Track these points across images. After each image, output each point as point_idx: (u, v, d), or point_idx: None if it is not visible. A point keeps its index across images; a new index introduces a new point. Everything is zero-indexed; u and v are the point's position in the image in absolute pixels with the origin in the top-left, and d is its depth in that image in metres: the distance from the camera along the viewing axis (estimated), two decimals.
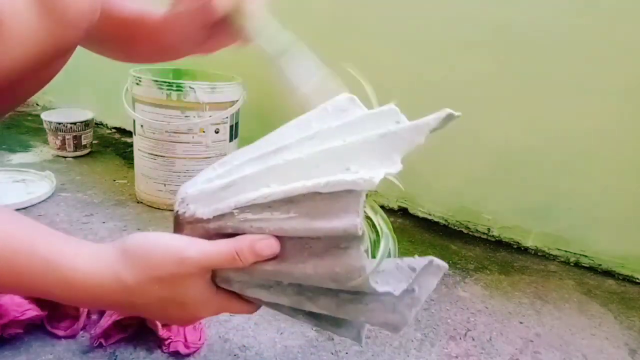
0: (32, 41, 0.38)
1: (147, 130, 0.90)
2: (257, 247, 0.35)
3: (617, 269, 0.85)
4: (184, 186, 0.41)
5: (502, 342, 0.63)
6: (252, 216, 0.36)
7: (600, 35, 0.78)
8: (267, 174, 0.36)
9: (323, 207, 0.34)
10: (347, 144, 0.36)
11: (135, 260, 0.34)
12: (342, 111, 0.40)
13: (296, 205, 0.35)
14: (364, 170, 0.35)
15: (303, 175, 0.35)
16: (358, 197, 0.34)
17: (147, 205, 0.94)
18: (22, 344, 0.53)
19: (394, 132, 0.36)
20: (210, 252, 0.35)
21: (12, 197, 0.88)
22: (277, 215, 0.35)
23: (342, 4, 0.99)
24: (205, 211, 0.37)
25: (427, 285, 0.41)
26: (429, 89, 0.93)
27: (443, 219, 0.99)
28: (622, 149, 0.80)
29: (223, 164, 0.41)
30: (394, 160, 0.35)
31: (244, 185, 0.37)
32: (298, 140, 0.38)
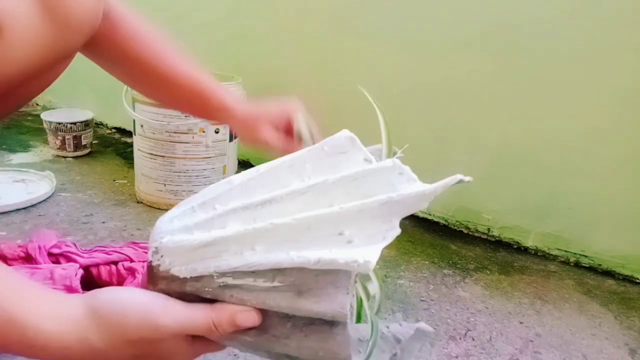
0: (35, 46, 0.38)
1: (147, 130, 0.90)
2: (237, 320, 0.33)
3: (617, 269, 0.85)
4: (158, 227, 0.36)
5: (502, 342, 0.63)
6: (232, 281, 0.33)
7: (600, 35, 0.78)
8: (252, 235, 0.33)
9: (310, 280, 0.32)
10: (343, 210, 0.32)
11: (106, 323, 0.32)
12: (340, 153, 0.36)
13: (282, 274, 0.32)
14: (359, 238, 0.31)
15: (292, 239, 0.32)
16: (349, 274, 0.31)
17: (147, 205, 0.94)
18: None
19: (396, 201, 0.32)
20: (186, 321, 0.33)
21: (12, 197, 0.88)
22: (261, 282, 0.32)
23: (342, 4, 0.99)
24: (181, 269, 0.34)
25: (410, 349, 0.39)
26: (429, 89, 0.93)
27: (443, 219, 0.99)
28: (622, 149, 0.80)
29: (204, 205, 0.36)
30: (392, 225, 0.32)
31: (227, 246, 0.33)
32: (289, 193, 0.34)
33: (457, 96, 0.91)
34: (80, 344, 0.31)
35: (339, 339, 0.33)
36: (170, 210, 0.37)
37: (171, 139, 0.88)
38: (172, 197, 0.92)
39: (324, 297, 0.31)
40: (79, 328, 0.31)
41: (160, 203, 0.93)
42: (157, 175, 0.91)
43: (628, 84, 0.77)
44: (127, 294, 0.34)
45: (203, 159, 0.91)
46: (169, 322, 0.32)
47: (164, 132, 0.88)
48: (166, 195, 0.92)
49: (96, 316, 0.32)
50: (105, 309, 0.32)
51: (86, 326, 0.32)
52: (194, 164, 0.91)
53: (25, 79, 0.40)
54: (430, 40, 0.91)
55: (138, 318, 0.32)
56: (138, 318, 0.32)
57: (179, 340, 0.34)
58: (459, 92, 0.91)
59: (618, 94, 0.78)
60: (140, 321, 0.32)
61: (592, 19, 0.78)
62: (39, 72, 0.41)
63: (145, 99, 0.87)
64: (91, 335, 0.32)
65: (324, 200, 0.33)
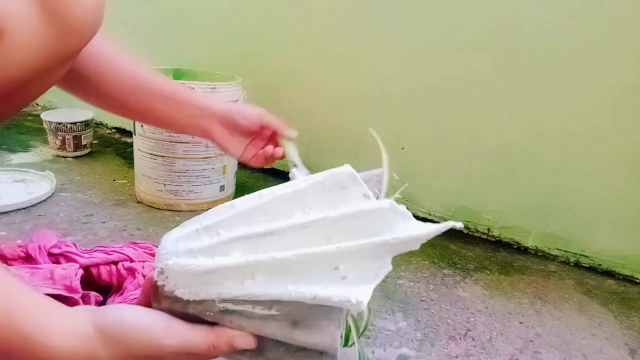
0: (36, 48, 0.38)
1: (147, 130, 0.90)
2: (234, 343, 0.36)
3: (617, 269, 0.85)
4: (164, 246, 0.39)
5: (502, 342, 0.63)
6: (232, 307, 0.36)
7: (600, 36, 0.78)
8: (253, 266, 0.35)
9: (305, 311, 0.34)
10: (340, 249, 0.34)
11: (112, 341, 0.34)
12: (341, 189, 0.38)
13: (279, 304, 0.35)
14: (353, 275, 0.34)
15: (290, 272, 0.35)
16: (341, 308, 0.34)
17: (147, 205, 0.94)
18: None
19: (390, 243, 0.35)
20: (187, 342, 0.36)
21: (12, 197, 0.88)
22: (259, 310, 0.35)
23: (342, 4, 0.99)
24: (185, 292, 0.36)
25: None
26: (429, 89, 0.93)
27: (443, 219, 0.99)
28: (622, 149, 0.80)
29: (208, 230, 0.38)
30: (385, 262, 0.35)
31: (229, 274, 0.35)
32: (290, 227, 0.36)
33: (457, 96, 0.91)
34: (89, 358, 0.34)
35: None
36: (176, 230, 0.39)
37: (171, 139, 0.88)
38: (172, 197, 0.92)
39: (316, 329, 0.34)
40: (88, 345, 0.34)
41: (160, 203, 0.93)
42: (157, 175, 0.91)
43: (628, 84, 0.77)
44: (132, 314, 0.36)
45: (203, 159, 0.91)
46: (171, 343, 0.35)
47: (164, 132, 0.88)
48: (166, 195, 0.92)
49: (103, 334, 0.34)
50: (112, 328, 0.34)
51: (94, 343, 0.34)
52: (194, 164, 0.91)
53: (25, 82, 0.40)
54: (430, 41, 0.91)
55: (142, 338, 0.35)
56: (142, 338, 0.35)
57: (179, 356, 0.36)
58: (459, 92, 0.91)
59: (618, 94, 0.79)
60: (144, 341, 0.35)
61: (592, 19, 0.78)
62: (39, 74, 0.41)
63: None
64: (99, 351, 0.34)
65: (322, 236, 0.36)
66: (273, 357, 0.37)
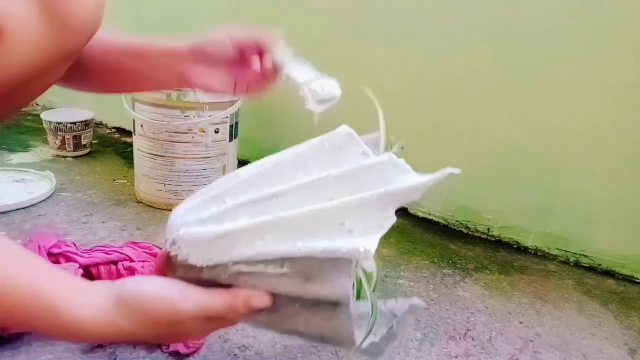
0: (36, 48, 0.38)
1: (147, 130, 0.90)
2: (251, 303, 0.36)
3: (617, 269, 0.85)
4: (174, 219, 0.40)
5: (502, 342, 0.63)
6: (246, 268, 0.36)
7: (600, 35, 0.78)
8: (262, 227, 0.36)
9: (316, 266, 0.35)
10: (344, 204, 0.36)
11: (132, 311, 0.36)
12: (340, 149, 0.39)
13: (290, 261, 0.36)
14: (359, 228, 0.35)
15: (298, 230, 0.35)
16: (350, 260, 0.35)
17: (147, 205, 0.94)
18: (22, 344, 0.53)
19: (392, 194, 0.36)
20: (205, 305, 0.37)
21: (12, 197, 0.88)
22: (271, 269, 0.36)
23: (342, 4, 0.99)
24: (198, 259, 0.37)
25: (404, 322, 0.43)
26: (429, 89, 0.93)
27: (443, 219, 0.99)
28: (622, 149, 0.80)
29: (215, 199, 0.39)
30: (389, 214, 0.36)
31: (239, 237, 0.36)
32: (295, 188, 0.37)
33: (457, 96, 0.91)
34: (111, 328, 0.35)
35: (342, 317, 0.36)
36: (184, 203, 0.40)
37: (171, 139, 0.88)
38: (172, 197, 0.92)
39: (328, 281, 0.35)
40: (110, 315, 0.35)
41: (160, 203, 0.93)
42: (157, 175, 0.91)
43: (628, 84, 0.77)
44: (149, 283, 0.38)
45: (203, 159, 0.91)
46: (189, 307, 0.36)
47: (164, 132, 0.88)
48: (166, 195, 0.92)
49: (123, 304, 0.36)
50: (131, 298, 0.36)
51: (116, 313, 0.35)
52: (194, 164, 0.91)
53: (26, 81, 0.40)
54: (430, 40, 0.91)
55: (160, 305, 0.36)
56: (160, 305, 0.36)
57: (197, 321, 0.37)
58: (459, 92, 0.91)
59: (618, 94, 0.78)
60: (162, 307, 0.36)
61: (593, 19, 0.78)
62: (39, 74, 0.41)
63: (145, 99, 0.87)
64: (120, 321, 0.35)
65: (326, 193, 0.36)
66: (289, 314, 0.38)
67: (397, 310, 0.44)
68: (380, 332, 0.41)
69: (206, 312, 0.37)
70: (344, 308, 0.36)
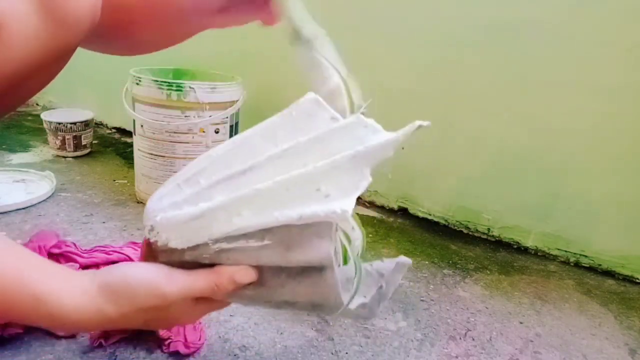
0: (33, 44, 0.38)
1: (147, 130, 0.90)
2: (236, 278, 0.36)
3: (617, 269, 0.85)
4: (149, 207, 0.39)
5: (502, 342, 0.63)
6: (227, 245, 0.36)
7: (601, 35, 0.78)
8: (238, 202, 0.36)
9: (296, 234, 0.35)
10: (317, 169, 0.35)
11: (117, 296, 0.36)
12: (308, 116, 0.39)
13: (270, 233, 0.36)
14: (335, 192, 0.35)
15: (274, 201, 0.35)
16: (330, 224, 0.35)
17: None
18: (22, 344, 0.53)
19: (364, 152, 0.36)
20: (190, 286, 0.36)
21: (12, 197, 0.88)
22: (252, 243, 0.36)
23: (341, 5, 0.99)
24: (178, 242, 0.37)
25: (393, 281, 0.43)
26: (428, 89, 0.93)
27: (443, 219, 0.99)
28: (622, 149, 0.80)
29: (188, 181, 0.39)
30: (364, 174, 0.35)
31: (216, 215, 0.36)
32: (267, 159, 0.37)
33: (457, 96, 0.91)
34: (96, 316, 0.35)
35: (328, 282, 0.37)
36: (158, 190, 0.40)
37: (171, 139, 0.88)
38: None
39: (310, 247, 0.35)
40: (95, 302, 0.35)
41: None
42: (157, 175, 0.91)
43: (628, 84, 0.77)
44: (134, 269, 0.38)
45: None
46: (174, 290, 0.36)
47: (164, 132, 0.88)
48: None
49: (109, 290, 0.36)
50: (116, 284, 0.36)
51: (101, 300, 0.35)
52: None
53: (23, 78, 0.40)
54: (430, 40, 0.91)
55: (146, 289, 0.36)
56: (146, 289, 0.36)
57: (184, 304, 0.37)
58: (458, 92, 0.91)
59: (619, 93, 0.78)
60: (148, 292, 0.36)
61: (593, 18, 0.78)
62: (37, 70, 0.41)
63: (145, 99, 0.87)
64: (106, 308, 0.35)
65: (298, 161, 0.36)
66: (276, 284, 0.38)
67: (384, 270, 0.44)
68: (369, 292, 0.41)
69: (192, 293, 0.36)
70: (329, 272, 0.36)
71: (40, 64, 0.41)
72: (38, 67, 0.41)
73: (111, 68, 1.21)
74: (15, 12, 0.36)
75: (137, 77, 0.88)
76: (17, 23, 0.37)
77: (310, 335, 0.60)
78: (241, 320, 0.61)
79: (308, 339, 0.59)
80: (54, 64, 0.44)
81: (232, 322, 0.60)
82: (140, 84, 0.88)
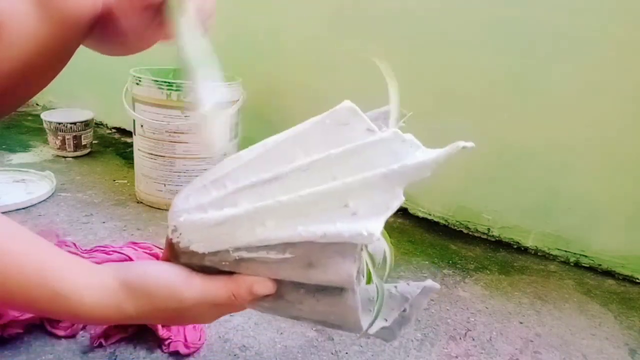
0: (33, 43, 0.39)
1: (147, 130, 0.90)
2: (254, 289, 0.36)
3: (617, 269, 0.85)
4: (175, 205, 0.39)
5: (502, 342, 0.63)
6: (247, 254, 0.36)
7: (600, 35, 0.78)
8: (262, 212, 0.35)
9: (318, 251, 0.34)
10: (346, 184, 0.33)
11: (137, 295, 0.36)
12: (342, 125, 0.37)
13: (291, 247, 0.34)
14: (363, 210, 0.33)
15: (300, 214, 0.34)
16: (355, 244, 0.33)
17: (147, 205, 0.94)
18: (22, 344, 0.53)
19: (398, 172, 0.33)
20: (208, 293, 0.37)
21: (12, 197, 0.88)
22: (273, 255, 0.35)
23: (342, 4, 0.99)
24: (200, 245, 0.37)
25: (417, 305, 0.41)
26: (428, 89, 0.93)
27: (443, 219, 0.99)
28: (622, 149, 0.80)
29: (215, 183, 0.38)
30: (395, 194, 0.33)
31: (239, 223, 0.35)
32: (295, 169, 0.35)
33: (456, 96, 0.91)
34: (115, 313, 0.36)
35: (348, 303, 0.35)
36: (185, 188, 0.40)
37: (171, 139, 0.88)
38: (172, 197, 0.91)
39: (331, 266, 0.34)
40: (115, 298, 0.36)
41: (160, 203, 0.93)
42: (157, 175, 0.91)
43: (629, 85, 0.77)
44: (154, 269, 0.38)
45: (203, 159, 0.91)
46: (192, 295, 0.36)
47: (164, 132, 0.88)
48: (166, 195, 0.92)
49: (128, 288, 0.36)
50: (135, 282, 0.36)
51: (121, 297, 0.36)
52: (194, 164, 0.91)
53: (23, 78, 0.40)
54: (430, 40, 0.91)
55: (164, 291, 0.36)
56: (164, 291, 0.36)
57: (202, 308, 0.38)
58: (458, 92, 0.91)
59: (619, 94, 0.78)
60: (166, 294, 0.36)
61: (593, 18, 0.78)
62: (37, 70, 0.41)
63: (145, 99, 0.87)
64: (125, 305, 0.36)
65: (327, 174, 0.35)
66: (294, 299, 0.37)
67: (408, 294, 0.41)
68: (392, 315, 0.40)
69: (210, 300, 0.37)
70: (349, 294, 0.35)
71: (39, 63, 0.41)
72: (37, 67, 0.41)
73: (111, 68, 1.21)
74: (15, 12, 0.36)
75: (137, 77, 0.88)
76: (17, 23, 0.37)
77: (311, 335, 0.60)
78: (241, 320, 0.61)
79: (308, 339, 0.59)
80: (53, 63, 0.44)
81: (232, 322, 0.60)
82: (140, 84, 0.88)
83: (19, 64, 0.39)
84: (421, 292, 0.41)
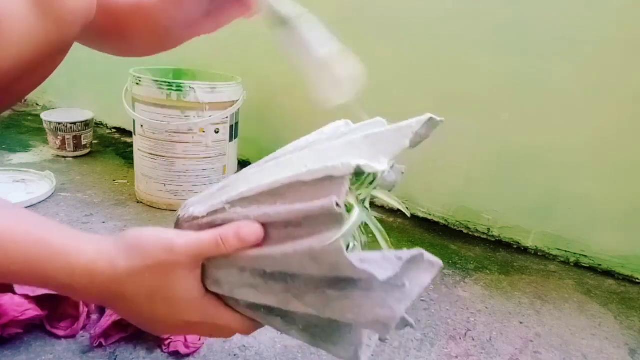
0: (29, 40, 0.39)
1: (147, 130, 0.90)
2: (241, 233, 0.36)
3: (617, 269, 0.85)
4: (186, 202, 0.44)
5: (502, 342, 0.63)
6: (241, 210, 0.37)
7: (600, 35, 0.78)
8: (258, 173, 0.38)
9: (307, 196, 0.35)
10: (332, 145, 0.37)
11: (129, 248, 0.37)
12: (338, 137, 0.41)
13: (282, 197, 0.36)
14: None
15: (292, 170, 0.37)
16: (340, 184, 0.34)
17: (147, 205, 0.94)
18: (22, 344, 0.53)
19: (377, 134, 0.36)
20: (196, 239, 0.37)
21: (12, 197, 0.88)
22: (265, 207, 0.37)
23: (341, 5, 0.99)
24: (201, 209, 0.39)
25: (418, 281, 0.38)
26: (428, 89, 0.93)
27: (443, 219, 0.99)
28: (622, 149, 0.80)
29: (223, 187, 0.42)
30: (380, 161, 0.35)
31: (237, 184, 0.39)
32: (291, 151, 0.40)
33: (457, 96, 0.91)
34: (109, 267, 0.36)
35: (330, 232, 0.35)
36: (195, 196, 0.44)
37: (171, 139, 0.88)
38: (172, 197, 0.92)
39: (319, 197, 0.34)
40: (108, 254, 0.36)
41: (160, 203, 0.93)
42: (157, 175, 0.91)
43: (628, 84, 0.77)
44: (149, 228, 0.39)
45: (203, 159, 0.91)
46: (181, 242, 0.37)
47: (164, 132, 0.88)
48: (166, 195, 0.92)
49: (122, 243, 0.37)
50: (129, 238, 0.37)
51: (114, 253, 0.37)
52: (194, 164, 0.91)
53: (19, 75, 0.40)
54: (430, 40, 0.91)
55: (154, 242, 0.37)
56: (154, 242, 0.37)
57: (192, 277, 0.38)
58: (458, 92, 0.91)
59: (619, 94, 0.78)
60: (156, 243, 0.37)
61: (593, 18, 0.78)
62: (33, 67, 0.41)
63: (145, 99, 0.87)
64: (117, 260, 0.36)
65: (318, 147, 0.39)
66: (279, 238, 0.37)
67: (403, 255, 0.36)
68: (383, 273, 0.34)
69: (199, 248, 0.37)
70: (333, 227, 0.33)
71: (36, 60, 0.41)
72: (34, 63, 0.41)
73: (111, 68, 1.21)
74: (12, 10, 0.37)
75: (137, 77, 0.88)
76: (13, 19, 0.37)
77: None
78: None
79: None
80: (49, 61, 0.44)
81: None
82: (140, 84, 0.88)
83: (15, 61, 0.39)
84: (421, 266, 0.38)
